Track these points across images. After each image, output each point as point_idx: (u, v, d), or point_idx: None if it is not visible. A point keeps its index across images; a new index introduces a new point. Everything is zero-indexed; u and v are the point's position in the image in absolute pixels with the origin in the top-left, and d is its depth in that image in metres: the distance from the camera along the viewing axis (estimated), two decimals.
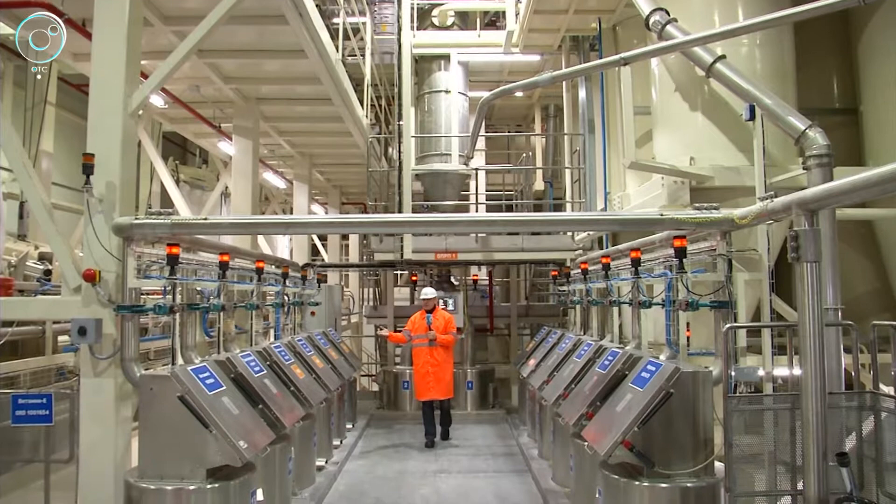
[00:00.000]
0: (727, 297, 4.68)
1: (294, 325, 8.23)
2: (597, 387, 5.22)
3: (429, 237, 9.99)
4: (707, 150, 6.27)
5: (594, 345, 6.20)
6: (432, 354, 8.47)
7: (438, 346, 8.48)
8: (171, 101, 9.01)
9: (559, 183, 13.16)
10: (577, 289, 8.06)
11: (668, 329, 5.33)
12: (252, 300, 6.39)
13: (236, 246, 6.94)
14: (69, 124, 11.38)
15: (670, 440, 4.37)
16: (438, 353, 8.49)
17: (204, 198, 13.37)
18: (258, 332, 6.72)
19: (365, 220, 5.97)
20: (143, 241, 4.89)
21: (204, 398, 4.38)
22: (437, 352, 8.48)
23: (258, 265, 6.47)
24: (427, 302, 8.57)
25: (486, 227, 7.54)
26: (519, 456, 8.07)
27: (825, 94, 7.33)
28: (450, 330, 8.56)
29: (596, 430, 4.74)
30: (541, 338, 8.80)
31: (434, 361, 8.47)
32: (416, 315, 8.69)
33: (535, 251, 9.99)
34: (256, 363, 5.50)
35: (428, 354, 8.48)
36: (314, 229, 8.87)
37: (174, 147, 16.30)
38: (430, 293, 8.62)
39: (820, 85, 7.30)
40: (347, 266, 15.39)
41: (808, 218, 3.64)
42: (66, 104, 11.08)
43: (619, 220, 5.66)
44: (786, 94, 6.03)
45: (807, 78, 6.81)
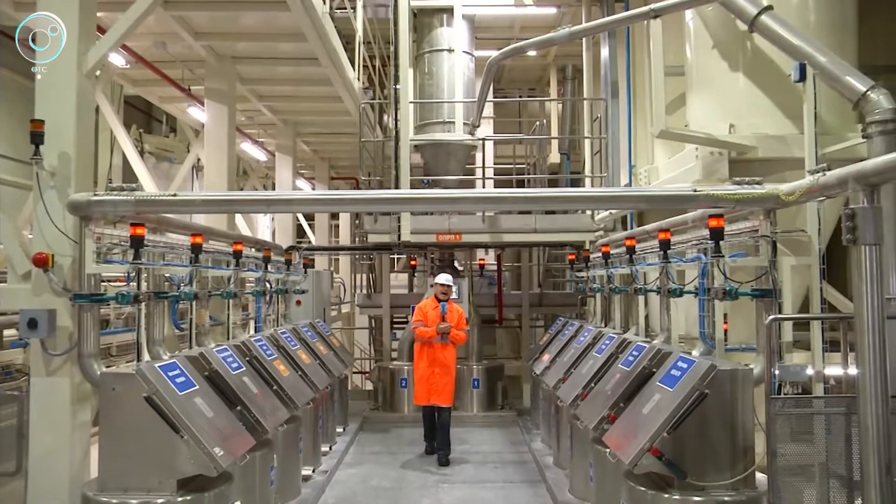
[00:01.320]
0: (771, 284, 4.66)
1: (277, 316, 8.23)
2: (620, 386, 5.22)
3: (430, 216, 9.96)
4: (749, 116, 6.22)
5: (617, 338, 6.21)
6: (443, 352, 8.21)
7: (449, 344, 8.24)
8: (134, 59, 8.92)
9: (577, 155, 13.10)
10: (598, 275, 8.06)
11: (701, 321, 5.32)
12: (229, 288, 6.38)
13: (210, 226, 6.91)
14: (14, 86, 11.27)
15: (705, 447, 4.35)
16: (449, 351, 8.25)
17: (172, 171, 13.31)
18: (236, 323, 6.71)
19: (357, 196, 5.94)
20: (102, 221, 4.85)
21: (174, 399, 4.37)
22: (447, 350, 8.23)
23: (236, 248, 6.46)
24: (442, 290, 8.34)
25: (495, 205, 7.51)
26: (531, 464, 8.09)
27: (893, 48, 7.19)
28: (461, 326, 8.35)
29: (619, 436, 4.72)
30: (556, 330, 8.81)
31: (442, 360, 8.21)
32: (427, 303, 8.45)
33: (550, 232, 9.97)
34: (234, 359, 5.50)
35: (439, 351, 8.20)
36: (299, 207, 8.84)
37: (138, 113, 16.22)
38: (446, 279, 8.38)
39: (887, 38, 7.16)
40: (337, 249, 15.38)
41: (868, 194, 3.58)
42: (9, 62, 10.96)
43: (647, 196, 5.61)
44: (844, 49, 5.94)
45: (870, 30, 6.68)
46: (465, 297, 10.54)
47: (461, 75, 10.66)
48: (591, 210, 9.73)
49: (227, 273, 6.47)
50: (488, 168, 11.47)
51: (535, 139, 11.95)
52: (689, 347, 5.71)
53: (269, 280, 7.70)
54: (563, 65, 13.78)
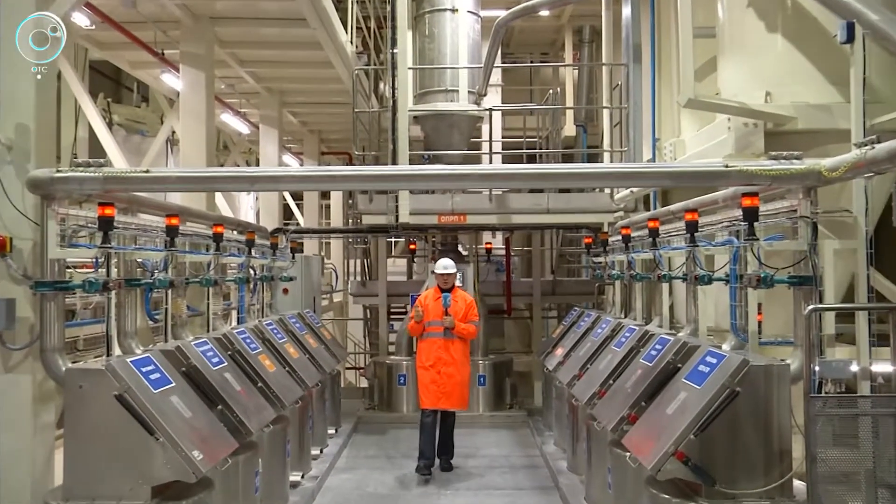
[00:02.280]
0: (811, 270, 4.64)
1: (262, 306, 8.24)
2: (642, 383, 5.22)
3: (431, 195, 9.93)
4: (788, 82, 6.17)
5: (638, 330, 6.21)
6: (447, 349, 7.82)
7: (456, 339, 7.86)
8: (100, 19, 8.86)
9: (595, 127, 13.06)
10: (617, 260, 8.05)
11: (732, 311, 5.32)
12: (208, 274, 6.38)
13: (187, 206, 6.89)
14: None
15: (736, 451, 4.35)
16: (456, 348, 7.85)
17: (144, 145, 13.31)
18: (216, 314, 6.72)
19: (350, 173, 5.91)
20: (67, 201, 4.84)
21: (148, 397, 4.37)
22: (454, 346, 7.84)
23: (216, 230, 6.44)
24: (444, 278, 8.01)
25: (503, 182, 7.48)
26: (543, 469, 8.11)
27: None
28: (471, 318, 7.96)
29: (641, 438, 4.73)
30: (571, 321, 8.81)
31: (449, 359, 7.80)
32: (429, 293, 8.13)
33: (565, 213, 9.94)
34: (214, 353, 5.51)
35: (442, 349, 7.81)
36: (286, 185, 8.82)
37: (105, 81, 16.18)
38: (448, 266, 8.03)
39: None
40: (329, 232, 15.37)
41: None
42: None
43: (672, 172, 5.60)
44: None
45: None
46: (469, 285, 10.53)
47: (466, 38, 10.58)
48: (610, 188, 9.70)
49: (207, 258, 6.45)
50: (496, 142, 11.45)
51: (547, 109, 11.88)
52: (718, 341, 5.71)
53: (252, 266, 7.70)
54: (580, 26, 13.68)
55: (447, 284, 8.02)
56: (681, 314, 6.88)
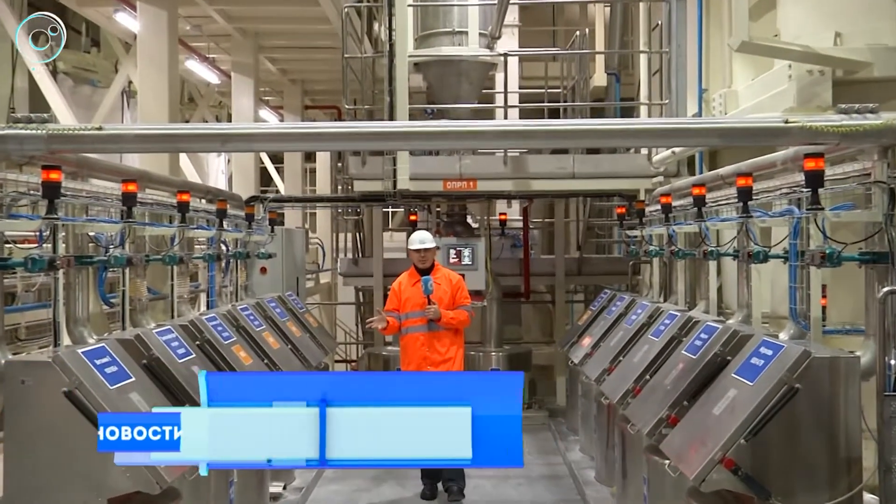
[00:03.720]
0: (886, 246, 4.60)
1: (236, 288, 8.27)
2: (684, 378, 5.24)
3: (435, 157, 9.92)
4: (862, 20, 6.12)
5: (680, 317, 6.21)
6: (432, 346, 7.36)
7: (443, 332, 7.38)
8: None
9: (630, 75, 12.97)
10: (656, 234, 8.06)
11: (792, 294, 5.30)
12: (172, 250, 6.38)
13: (148, 170, 6.88)
14: None
15: (795, 459, 4.36)
16: (442, 342, 7.37)
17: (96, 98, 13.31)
18: (182, 297, 6.79)
19: (339, 130, 5.90)
20: (4, 163, 4.81)
21: (103, 394, 4.38)
22: (442, 341, 7.37)
23: (181, 199, 6.45)
24: (421, 256, 7.52)
25: (521, 141, 7.30)
26: (567, 479, 8.18)
27: None
28: (461, 301, 7.51)
29: (682, 443, 4.74)
30: (600, 306, 8.85)
31: (437, 357, 7.34)
32: (403, 278, 7.70)
33: (593, 178, 9.95)
34: (181, 343, 5.53)
35: (425, 345, 7.35)
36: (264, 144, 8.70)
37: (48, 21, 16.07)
38: (425, 240, 7.56)
39: None
40: (314, 201, 15.33)
41: None
42: None
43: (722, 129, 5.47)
44: None
45: None
46: (480, 263, 10.54)
47: None
48: (647, 148, 9.70)
49: (170, 231, 6.46)
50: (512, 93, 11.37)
51: (573, 54, 11.81)
52: (775, 329, 5.71)
53: (224, 241, 7.71)
54: None
55: (426, 263, 7.53)
56: (731, 298, 6.88)
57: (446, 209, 11.23)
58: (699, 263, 7.03)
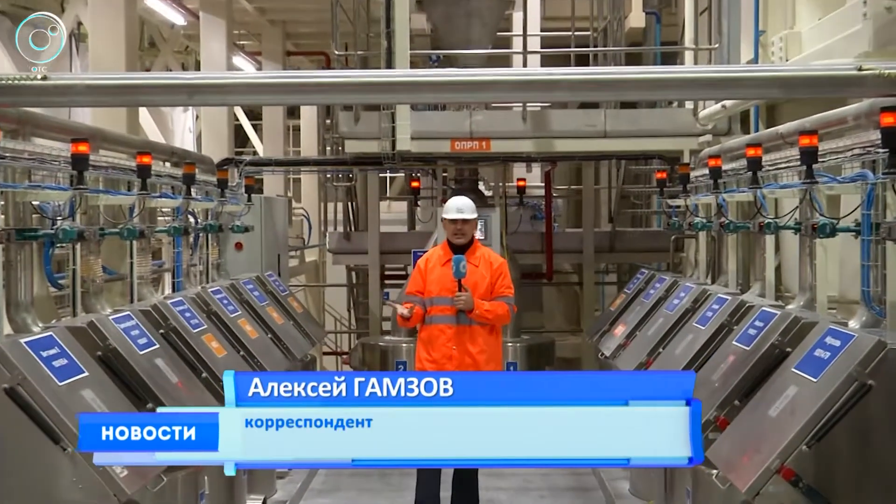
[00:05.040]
0: None
1: (207, 267, 8.29)
2: (734, 374, 5.27)
3: (441, 113, 9.91)
4: None
5: (730, 301, 6.23)
6: (462, 343, 6.81)
7: (478, 326, 6.86)
8: None
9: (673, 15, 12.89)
10: (702, 203, 8.05)
11: (864, 274, 5.28)
12: (131, 223, 6.36)
13: (101, 128, 6.86)
14: None
15: (866, 468, 4.36)
16: (476, 341, 6.82)
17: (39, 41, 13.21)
18: (143, 278, 6.74)
19: (328, 80, 5.87)
20: None
21: (51, 392, 4.38)
22: (474, 339, 6.82)
23: (141, 161, 6.41)
24: (457, 228, 6.97)
25: (543, 93, 7.27)
26: (596, 492, 8.20)
27: None
28: (501, 291, 6.94)
29: (733, 450, 4.77)
30: (636, 289, 8.87)
31: (466, 358, 6.81)
32: (432, 255, 7.14)
33: (629, 137, 9.97)
34: (141, 332, 5.54)
35: (452, 341, 6.81)
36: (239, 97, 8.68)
37: None
38: (464, 208, 6.97)
39: None
40: (299, 164, 15.32)
41: None
42: None
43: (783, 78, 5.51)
44: None
45: None
46: (495, 239, 10.51)
47: None
48: (693, 102, 9.68)
49: (129, 200, 6.45)
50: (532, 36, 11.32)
51: None
52: (844, 316, 5.69)
53: (192, 211, 7.71)
54: None
55: (462, 238, 6.98)
56: (791, 279, 6.86)
57: (454, 174, 11.21)
58: (754, 238, 7.03)
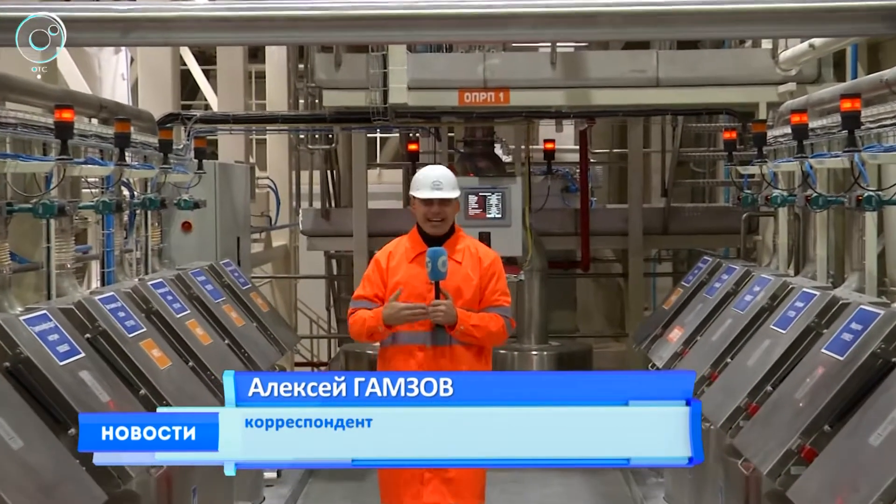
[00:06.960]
0: None
1: (146, 253, 8.31)
2: (824, 391, 5.31)
3: (445, 55, 9.93)
4: None
5: (819, 297, 6.25)
6: (441, 370, 6.09)
7: (459, 348, 6.46)
8: None
9: None
10: (783, 171, 8.07)
11: None
12: (48, 197, 6.36)
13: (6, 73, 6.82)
14: None
15: None
16: (459, 367, 6.34)
17: None
18: (64, 267, 6.74)
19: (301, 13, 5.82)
20: None
21: None
22: (456, 364, 6.37)
23: (61, 117, 6.40)
24: (429, 211, 6.60)
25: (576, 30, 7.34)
26: None
27: None
28: (494, 300, 6.54)
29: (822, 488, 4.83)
30: (697, 281, 8.91)
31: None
32: (396, 247, 6.83)
33: (688, 86, 10.04)
34: (62, 337, 5.55)
35: (425, 367, 6.33)
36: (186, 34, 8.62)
37: None
38: (437, 181, 6.53)
39: None
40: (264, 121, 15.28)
41: None
42: None
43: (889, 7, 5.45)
44: None
45: None
46: (515, 218, 10.50)
47: None
48: (771, 41, 9.68)
49: (45, 167, 6.46)
50: None
51: None
52: None
53: (128, 181, 7.72)
54: None
55: (439, 227, 6.61)
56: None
57: (463, 134, 11.19)
58: (850, 216, 7.03)
